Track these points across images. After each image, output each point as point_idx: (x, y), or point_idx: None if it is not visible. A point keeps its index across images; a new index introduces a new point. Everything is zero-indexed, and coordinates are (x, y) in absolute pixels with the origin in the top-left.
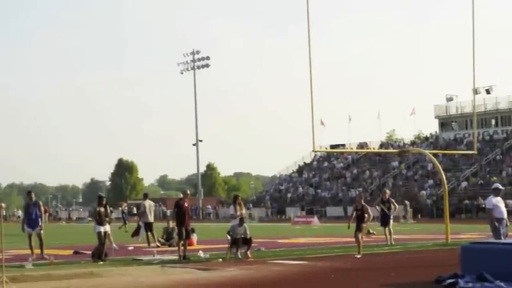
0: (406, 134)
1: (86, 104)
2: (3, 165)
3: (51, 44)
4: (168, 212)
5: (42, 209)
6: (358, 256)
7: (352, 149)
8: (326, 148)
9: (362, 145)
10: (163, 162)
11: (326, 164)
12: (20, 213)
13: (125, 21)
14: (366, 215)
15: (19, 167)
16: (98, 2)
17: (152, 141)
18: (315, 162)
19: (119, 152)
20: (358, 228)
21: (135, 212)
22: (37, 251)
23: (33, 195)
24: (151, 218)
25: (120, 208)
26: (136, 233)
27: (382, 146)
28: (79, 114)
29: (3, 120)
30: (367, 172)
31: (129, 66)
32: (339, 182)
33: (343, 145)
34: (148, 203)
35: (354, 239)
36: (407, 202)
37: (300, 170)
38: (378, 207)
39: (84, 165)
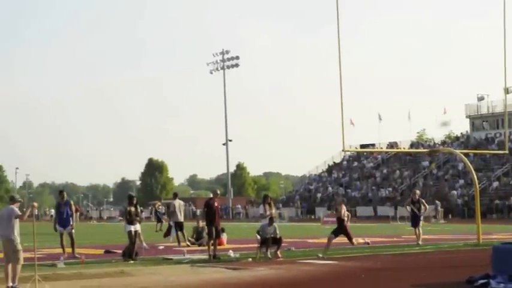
0: (436, 134)
1: (116, 104)
2: (35, 165)
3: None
4: (198, 212)
5: (74, 208)
6: (320, 255)
7: (382, 148)
8: (356, 148)
9: (392, 145)
10: (193, 162)
11: (356, 163)
12: (52, 212)
13: (154, 21)
14: (346, 219)
15: (51, 166)
16: (126, 1)
17: (182, 141)
18: (344, 162)
19: (149, 152)
20: (349, 239)
21: (164, 211)
22: (69, 250)
23: (65, 194)
24: (181, 218)
25: (154, 207)
26: (168, 233)
27: (412, 145)
28: (110, 114)
29: (35, 122)
30: (397, 172)
31: (158, 66)
32: (368, 181)
33: (373, 145)
34: (178, 203)
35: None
36: (438, 202)
37: (330, 170)
38: (408, 208)
39: (114, 165)
